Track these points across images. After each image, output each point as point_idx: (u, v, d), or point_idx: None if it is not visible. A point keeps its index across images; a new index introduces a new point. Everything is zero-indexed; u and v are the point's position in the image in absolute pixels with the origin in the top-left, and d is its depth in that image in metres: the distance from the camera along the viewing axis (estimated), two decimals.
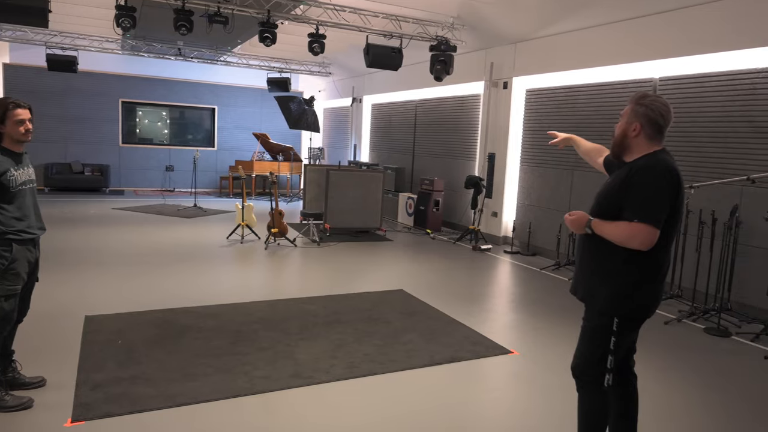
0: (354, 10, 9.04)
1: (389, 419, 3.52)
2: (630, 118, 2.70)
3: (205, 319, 5.20)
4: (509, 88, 9.73)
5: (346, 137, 16.44)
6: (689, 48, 6.74)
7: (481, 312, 5.90)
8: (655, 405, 3.89)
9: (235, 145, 16.98)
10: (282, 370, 4.12)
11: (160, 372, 3.99)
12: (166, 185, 16.24)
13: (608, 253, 2.64)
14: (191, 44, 13.53)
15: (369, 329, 5.11)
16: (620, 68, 7.81)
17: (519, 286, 7.20)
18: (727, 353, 5.04)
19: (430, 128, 12.38)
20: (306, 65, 15.64)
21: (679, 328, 5.70)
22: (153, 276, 6.74)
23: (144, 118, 16.24)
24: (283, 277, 7.18)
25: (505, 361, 4.58)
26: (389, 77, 12.65)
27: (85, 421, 3.27)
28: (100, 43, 13.49)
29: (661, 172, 2.56)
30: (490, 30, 9.53)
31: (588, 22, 8.04)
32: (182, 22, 7.94)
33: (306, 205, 11.01)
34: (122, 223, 10.42)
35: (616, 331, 2.64)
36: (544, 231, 9.08)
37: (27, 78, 14.41)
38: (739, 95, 6.35)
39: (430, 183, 11.12)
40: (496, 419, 3.62)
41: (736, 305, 6.14)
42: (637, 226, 2.52)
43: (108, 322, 5.00)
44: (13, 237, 3.30)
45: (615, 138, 2.77)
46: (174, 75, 15.99)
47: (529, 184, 9.51)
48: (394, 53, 9.57)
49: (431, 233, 10.72)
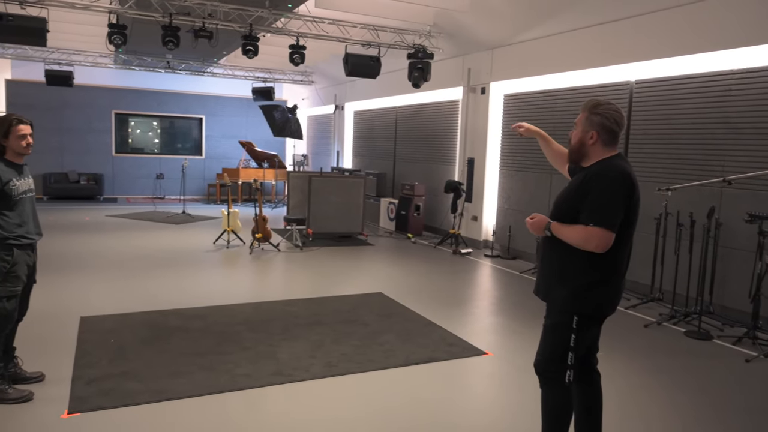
0: (333, 21, 9.32)
1: (366, 415, 3.73)
2: (586, 126, 2.80)
3: (192, 320, 5.45)
4: (487, 93, 9.94)
5: (329, 144, 16.71)
6: (663, 51, 6.78)
7: (459, 315, 6.06)
8: (631, 406, 3.95)
9: (222, 153, 17.28)
10: (264, 368, 4.37)
11: (149, 369, 4.25)
12: (156, 193, 16.53)
13: (567, 254, 2.75)
14: (179, 57, 13.87)
15: (347, 330, 5.35)
16: (597, 72, 7.90)
17: (498, 290, 7.38)
18: (707, 356, 5.04)
19: (411, 134, 12.59)
20: (289, 74, 15.95)
21: (659, 331, 5.72)
22: (144, 279, 7.00)
23: (136, 128, 16.55)
24: (266, 281, 7.44)
25: (480, 362, 4.73)
26: (370, 85, 12.84)
27: (80, 413, 3.54)
28: (94, 58, 13.97)
29: (614, 177, 2.67)
30: (466, 37, 9.75)
31: (563, 27, 8.14)
32: (170, 38, 8.29)
33: (290, 211, 11.23)
34: (115, 229, 10.71)
35: (576, 328, 2.75)
36: (523, 235, 9.18)
37: (27, 93, 14.84)
38: (715, 96, 6.37)
39: (411, 188, 11.34)
40: (470, 417, 3.80)
41: (718, 308, 6.07)
42: (593, 229, 2.62)
43: (101, 323, 5.27)
44: (14, 242, 3.60)
45: (572, 146, 2.89)
46: (163, 87, 16.37)
47: (509, 187, 9.67)
48: (373, 62, 9.87)
49: (412, 238, 10.96)
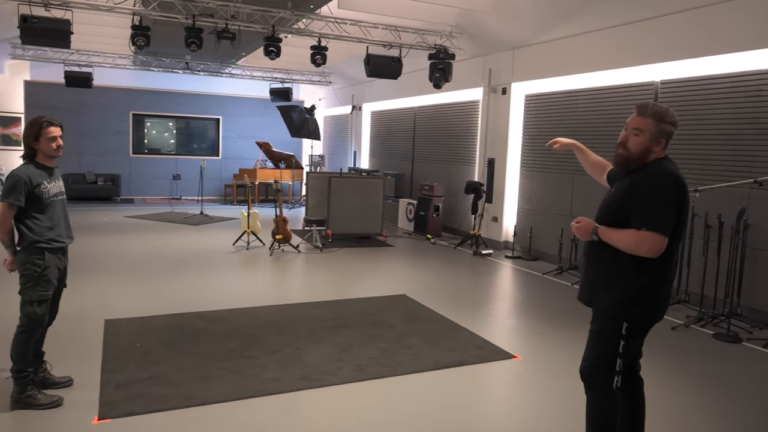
0: (354, 23, 9.27)
1: (401, 419, 3.66)
2: (655, 135, 2.68)
3: (217, 323, 5.41)
4: (508, 94, 9.86)
5: (345, 144, 16.68)
6: (691, 51, 6.69)
7: (483, 316, 6.02)
8: (665, 410, 3.89)
9: (239, 154, 17.30)
10: (292, 372, 4.31)
11: (177, 373, 4.20)
12: (173, 193, 16.58)
13: (614, 259, 2.69)
14: (198, 58, 13.89)
15: (374, 333, 5.29)
16: (620, 72, 7.79)
17: (520, 291, 7.31)
18: (739, 359, 4.96)
19: (429, 134, 12.52)
20: (307, 75, 15.92)
21: (687, 333, 5.63)
22: (164, 281, 6.98)
23: (152, 129, 16.62)
24: (288, 283, 7.39)
25: (510, 365, 4.67)
26: (388, 85, 12.78)
27: (110, 419, 3.49)
28: (113, 60, 14.02)
29: (666, 180, 2.62)
30: (488, 37, 9.67)
31: (586, 28, 8.05)
32: (193, 39, 8.30)
33: (308, 212, 11.20)
34: (134, 230, 10.71)
35: (625, 335, 2.69)
36: (545, 236, 9.11)
37: (46, 94, 14.95)
38: (746, 97, 6.26)
39: (430, 188, 11.27)
40: (503, 422, 3.74)
41: (746, 310, 5.99)
42: (646, 234, 2.56)
43: (126, 326, 5.24)
44: (45, 246, 3.57)
45: (634, 153, 2.72)
46: (181, 87, 16.44)
47: (530, 188, 9.58)
48: (394, 63, 9.81)
49: (432, 238, 10.89)
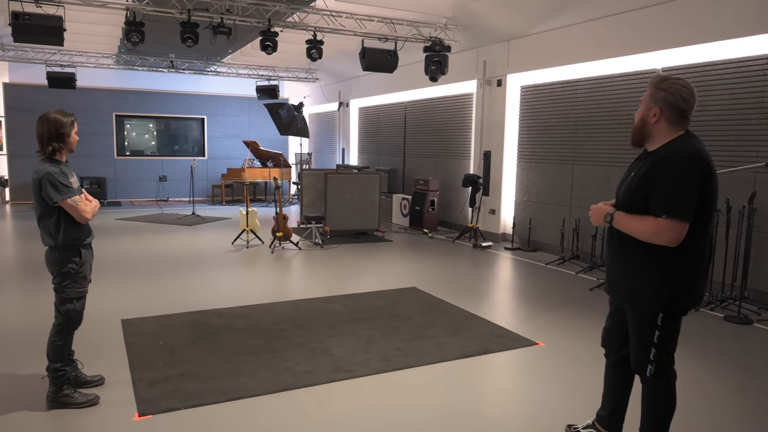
0: (350, 15, 9.19)
1: (434, 406, 3.65)
2: (649, 103, 2.56)
3: (235, 319, 5.32)
4: (503, 86, 9.83)
5: (333, 141, 16.57)
6: (692, 37, 6.68)
7: (495, 306, 6.05)
8: (683, 389, 3.88)
9: (226, 153, 17.08)
10: (322, 365, 4.25)
11: (207, 369, 4.11)
12: (160, 195, 16.30)
13: (642, 248, 2.55)
14: (182, 56, 13.64)
15: (393, 325, 5.25)
16: (620, 60, 7.73)
17: (527, 281, 7.32)
18: (753, 340, 5.02)
19: (421, 129, 12.48)
20: (293, 72, 15.78)
21: (698, 316, 5.64)
22: (172, 281, 6.87)
23: (135, 130, 16.29)
24: (295, 279, 7.30)
25: (534, 352, 4.67)
26: (377, 81, 12.68)
27: (151, 415, 3.40)
28: (96, 59, 13.66)
29: (688, 159, 2.43)
30: (482, 28, 9.65)
31: (583, 17, 8.02)
32: (188, 35, 8.12)
33: (304, 209, 11.12)
34: (128, 233, 10.50)
35: (660, 325, 2.58)
36: (545, 226, 9.14)
37: (26, 97, 14.44)
38: (750, 82, 6.26)
39: (425, 183, 11.24)
40: (538, 405, 3.75)
41: (753, 293, 6.07)
42: (665, 222, 2.41)
43: (143, 325, 5.13)
44: (79, 243, 3.45)
45: (634, 125, 2.65)
46: (164, 87, 16.14)
47: (528, 180, 9.59)
48: (390, 56, 9.74)
49: (429, 233, 10.89)
